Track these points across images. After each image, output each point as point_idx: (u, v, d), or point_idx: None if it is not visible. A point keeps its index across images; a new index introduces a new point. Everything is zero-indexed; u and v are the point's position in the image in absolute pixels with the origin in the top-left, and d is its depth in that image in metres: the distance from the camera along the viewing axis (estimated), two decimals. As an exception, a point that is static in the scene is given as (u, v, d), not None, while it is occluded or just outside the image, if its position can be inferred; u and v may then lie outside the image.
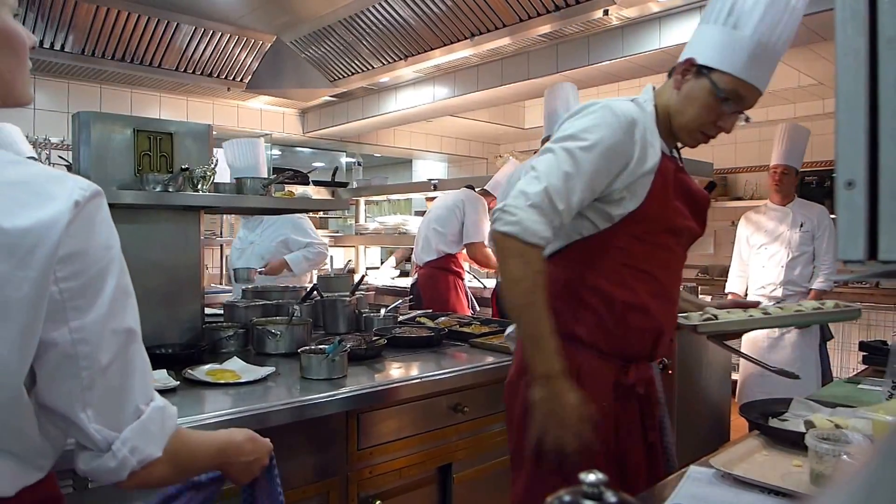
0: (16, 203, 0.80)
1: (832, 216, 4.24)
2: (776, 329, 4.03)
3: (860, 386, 2.11)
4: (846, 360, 5.27)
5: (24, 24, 4.04)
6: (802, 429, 1.43)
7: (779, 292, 4.03)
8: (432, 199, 5.71)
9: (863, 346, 2.65)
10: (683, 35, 3.60)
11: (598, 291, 1.55)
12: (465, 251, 4.42)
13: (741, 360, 4.26)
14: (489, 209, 4.29)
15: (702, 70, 1.51)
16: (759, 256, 4.16)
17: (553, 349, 1.44)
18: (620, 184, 1.49)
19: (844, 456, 1.18)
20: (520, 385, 1.59)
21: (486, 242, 4.21)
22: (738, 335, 1.90)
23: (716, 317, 1.71)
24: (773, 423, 1.59)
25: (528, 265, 1.42)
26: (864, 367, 2.56)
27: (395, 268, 6.24)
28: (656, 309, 1.57)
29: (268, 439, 1.20)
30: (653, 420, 1.62)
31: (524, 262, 1.42)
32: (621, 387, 1.57)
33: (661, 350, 1.63)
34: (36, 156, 3.43)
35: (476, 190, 4.59)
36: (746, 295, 4.30)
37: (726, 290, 4.40)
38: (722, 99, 1.50)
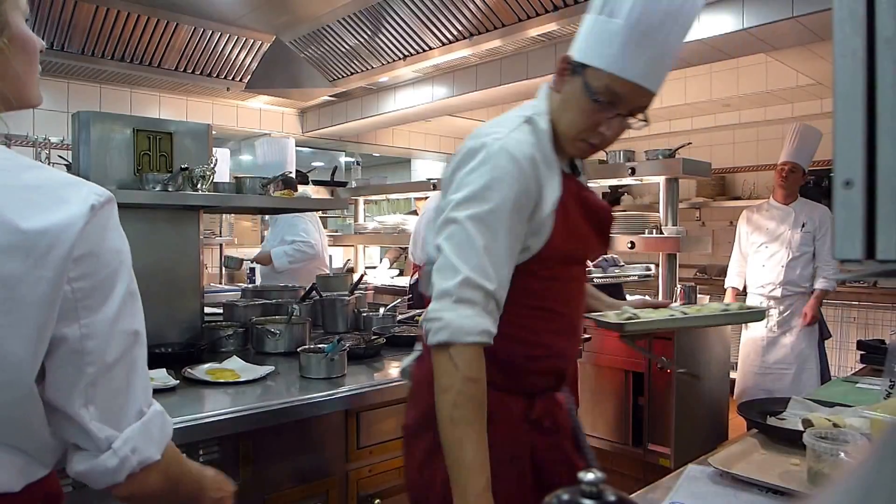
0: (33, 205, 0.82)
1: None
2: (774, 328, 4.04)
3: (858, 385, 2.12)
4: (844, 359, 5.28)
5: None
6: (801, 428, 1.43)
7: (778, 292, 4.03)
8: (422, 199, 5.73)
9: (861, 345, 2.66)
10: (682, 35, 3.60)
11: (499, 335, 1.30)
12: None
13: (740, 359, 4.28)
14: None
15: (576, 68, 1.30)
16: (759, 255, 4.16)
17: (484, 487, 1.17)
18: (527, 231, 1.31)
19: (842, 455, 1.19)
20: (421, 438, 1.39)
21: None
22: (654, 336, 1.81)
23: (636, 316, 1.60)
24: (772, 421, 1.60)
25: (457, 370, 1.19)
26: (862, 366, 2.57)
27: (391, 268, 6.25)
28: (559, 346, 1.42)
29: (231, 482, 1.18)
30: (574, 450, 1.47)
31: (453, 367, 1.19)
32: (530, 421, 1.41)
33: (566, 380, 1.50)
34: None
35: None
36: (745, 292, 4.31)
37: (726, 286, 4.41)
38: (595, 101, 1.28)
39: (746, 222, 4.30)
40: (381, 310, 3.01)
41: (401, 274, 6.27)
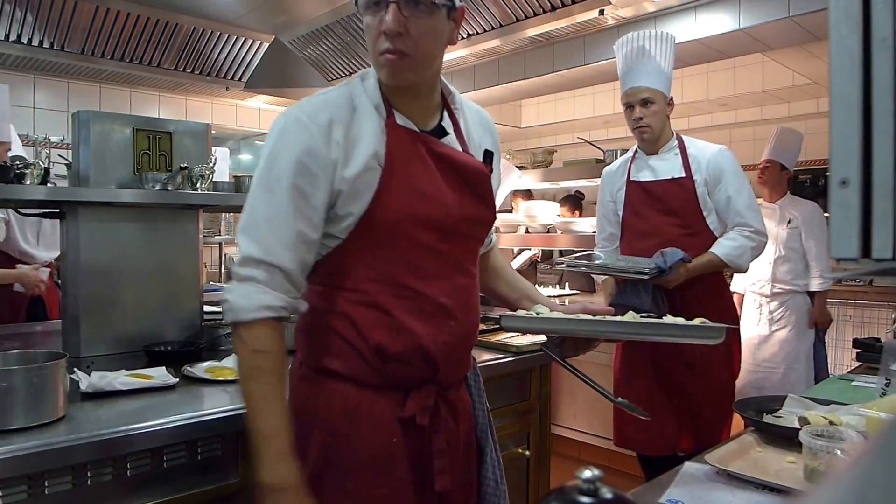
0: None
1: (826, 214, 4.27)
2: (767, 325, 4.03)
3: (854, 383, 2.13)
4: (840, 358, 5.30)
5: (23, 23, 4.05)
6: (797, 426, 1.44)
7: (768, 289, 4.03)
8: None
9: (857, 343, 2.67)
10: (679, 35, 3.62)
11: (345, 317, 1.27)
12: None
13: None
14: None
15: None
16: None
17: (280, 451, 1.18)
18: (339, 198, 1.24)
19: (838, 452, 1.20)
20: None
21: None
22: (580, 346, 1.52)
23: (538, 314, 1.45)
24: (768, 419, 1.61)
25: (244, 344, 1.21)
26: (857, 364, 2.58)
27: None
28: (422, 330, 1.27)
29: None
30: (443, 458, 1.32)
31: (241, 343, 1.22)
32: (402, 420, 1.28)
33: (447, 371, 1.32)
34: (24, 154, 3.43)
35: None
36: (744, 294, 4.31)
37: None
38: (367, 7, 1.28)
39: None
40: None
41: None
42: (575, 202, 5.85)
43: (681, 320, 1.41)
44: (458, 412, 1.38)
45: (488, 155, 1.43)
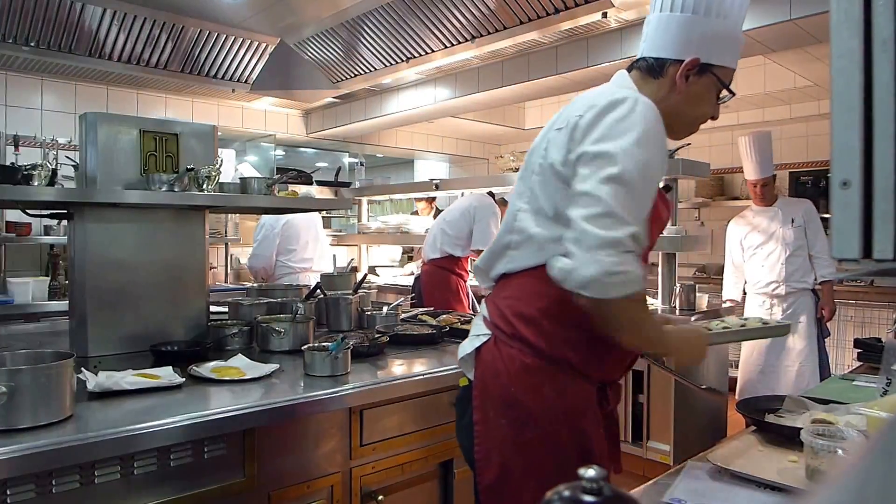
0: None
1: (826, 214, 4.28)
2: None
3: (855, 382, 2.13)
4: (841, 358, 5.30)
5: (30, 26, 4.08)
6: (799, 425, 1.45)
7: (782, 290, 4.04)
8: (422, 199, 5.76)
9: (858, 343, 2.67)
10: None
11: (586, 315, 1.31)
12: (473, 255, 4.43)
13: (742, 358, 4.29)
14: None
15: (703, 68, 1.43)
16: (756, 257, 4.17)
17: (676, 339, 1.44)
18: None
19: (839, 451, 1.20)
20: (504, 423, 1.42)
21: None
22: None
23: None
24: (770, 419, 1.61)
25: (641, 309, 1.33)
26: (859, 363, 2.58)
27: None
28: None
29: None
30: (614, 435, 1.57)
31: (638, 308, 1.32)
32: (601, 408, 1.49)
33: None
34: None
35: (496, 198, 4.57)
36: (744, 300, 4.32)
37: (724, 298, 4.41)
38: (732, 92, 1.47)
39: (736, 232, 4.33)
40: (385, 308, 3.02)
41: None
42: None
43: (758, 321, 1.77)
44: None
45: None
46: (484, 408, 1.43)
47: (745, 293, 4.34)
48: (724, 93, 1.46)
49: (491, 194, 4.59)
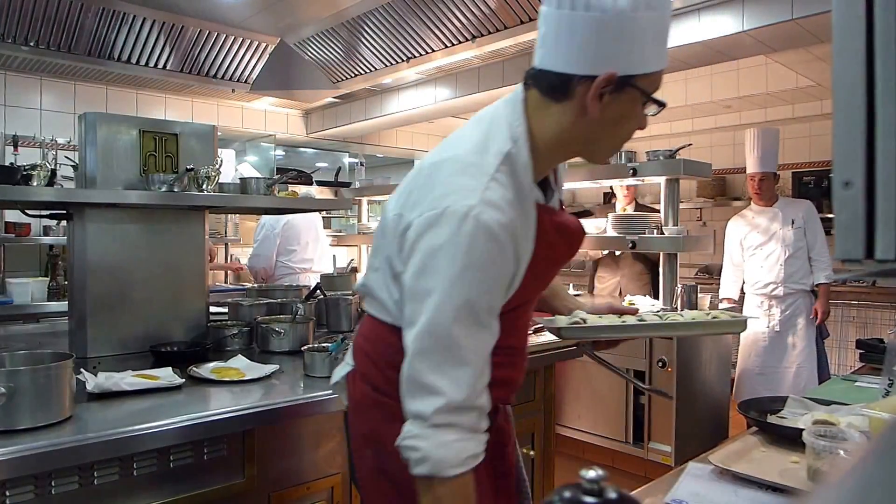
0: None
1: (829, 214, 4.28)
2: (776, 328, 4.04)
3: (857, 383, 2.13)
4: (843, 358, 5.31)
5: (30, 25, 4.07)
6: (801, 426, 1.44)
7: (780, 291, 4.04)
8: None
9: (860, 343, 2.67)
10: (683, 37, 3.62)
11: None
12: None
13: (740, 358, 4.28)
14: None
15: (620, 83, 1.09)
16: (755, 257, 4.17)
17: None
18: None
19: (841, 452, 1.20)
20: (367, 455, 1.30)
21: None
22: (612, 343, 1.58)
23: (584, 321, 1.49)
24: (772, 420, 1.61)
25: (440, 501, 1.04)
26: (861, 364, 2.58)
27: None
28: (517, 376, 1.34)
29: None
30: (505, 465, 1.35)
31: (432, 498, 1.04)
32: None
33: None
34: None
35: None
36: (742, 299, 4.32)
37: (721, 296, 4.41)
38: (660, 105, 1.14)
39: (735, 231, 4.32)
40: (385, 309, 3.02)
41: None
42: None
43: (707, 317, 1.56)
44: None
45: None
46: (355, 436, 1.34)
47: (743, 293, 4.34)
48: (652, 106, 1.14)
49: None
